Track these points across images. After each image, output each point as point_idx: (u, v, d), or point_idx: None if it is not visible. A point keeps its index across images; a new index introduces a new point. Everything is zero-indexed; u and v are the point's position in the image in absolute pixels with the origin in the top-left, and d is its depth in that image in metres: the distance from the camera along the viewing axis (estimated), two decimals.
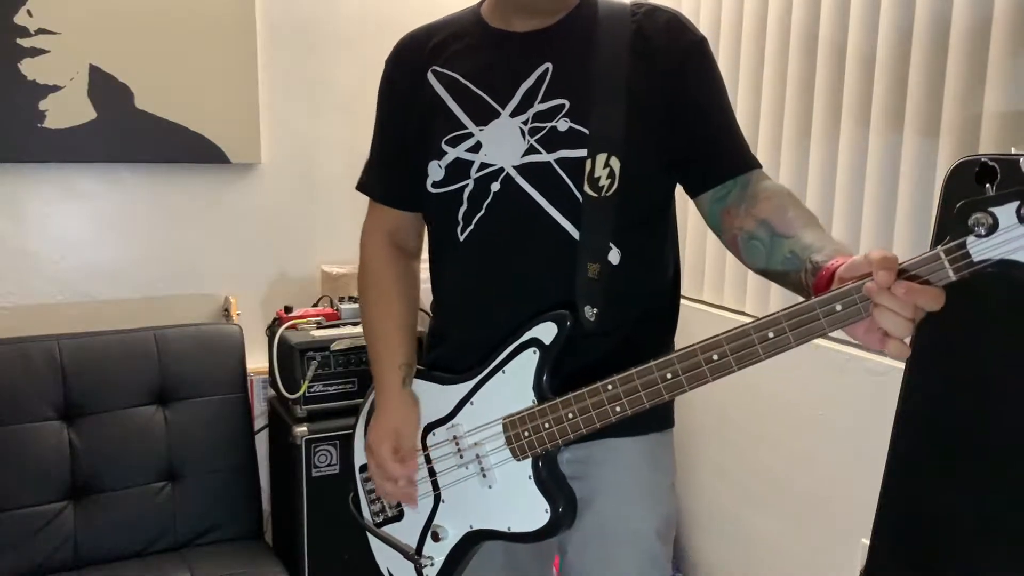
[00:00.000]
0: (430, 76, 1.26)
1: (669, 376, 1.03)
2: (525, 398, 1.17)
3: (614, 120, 1.15)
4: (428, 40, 1.30)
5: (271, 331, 2.29)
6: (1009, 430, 1.22)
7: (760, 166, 1.21)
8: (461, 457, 1.24)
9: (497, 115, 1.19)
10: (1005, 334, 1.25)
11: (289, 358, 2.16)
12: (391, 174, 1.36)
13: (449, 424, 1.25)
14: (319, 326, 2.25)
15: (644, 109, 1.17)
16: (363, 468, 1.38)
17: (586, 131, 1.15)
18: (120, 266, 2.31)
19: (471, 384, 1.23)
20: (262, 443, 2.37)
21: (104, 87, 2.19)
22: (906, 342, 0.91)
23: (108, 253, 2.30)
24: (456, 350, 1.28)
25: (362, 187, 1.42)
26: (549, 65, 1.18)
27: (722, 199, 1.20)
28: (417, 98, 1.26)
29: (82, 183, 2.25)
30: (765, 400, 2.07)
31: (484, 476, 1.21)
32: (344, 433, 2.14)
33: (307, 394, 2.14)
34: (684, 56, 1.19)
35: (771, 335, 0.95)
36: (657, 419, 1.25)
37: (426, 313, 1.42)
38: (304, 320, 2.27)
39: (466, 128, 1.21)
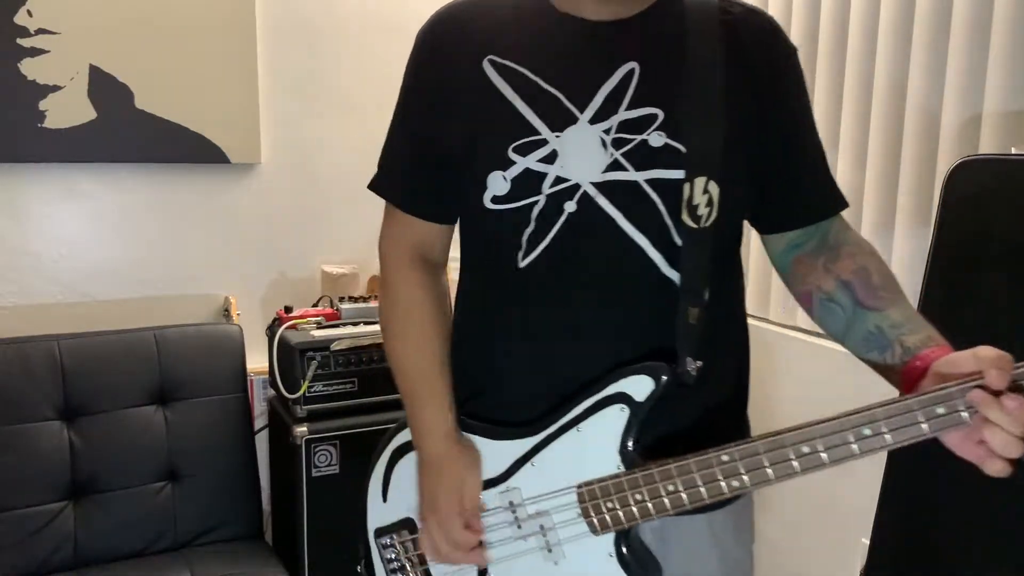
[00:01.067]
0: (487, 67, 1.03)
1: (807, 451, 0.87)
2: (607, 463, 0.98)
3: (713, 138, 0.98)
4: (480, 19, 1.06)
5: (271, 331, 2.29)
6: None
7: (846, 205, 1.09)
8: (519, 527, 1.04)
9: (574, 120, 0.99)
10: (1006, 334, 1.25)
11: (289, 358, 2.16)
12: (425, 180, 1.10)
13: (503, 487, 1.05)
14: (319, 326, 2.25)
15: (741, 127, 1.00)
16: (381, 532, 1.19)
17: (683, 149, 0.97)
18: (120, 266, 2.31)
19: (533, 441, 1.03)
20: (262, 443, 2.37)
21: (104, 87, 2.19)
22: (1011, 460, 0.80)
23: (108, 253, 2.30)
24: (510, 399, 1.07)
25: (383, 190, 1.17)
26: (635, 66, 0.99)
27: (799, 246, 1.08)
28: (468, 92, 1.04)
29: (82, 183, 2.25)
30: (765, 400, 2.06)
31: (549, 551, 1.02)
32: (344, 433, 2.14)
33: (307, 394, 2.14)
34: (783, 69, 1.05)
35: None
36: None
37: None
38: (304, 320, 2.27)
39: (539, 134, 1.00)
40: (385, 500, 1.19)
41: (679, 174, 0.97)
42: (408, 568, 1.16)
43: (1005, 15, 1.54)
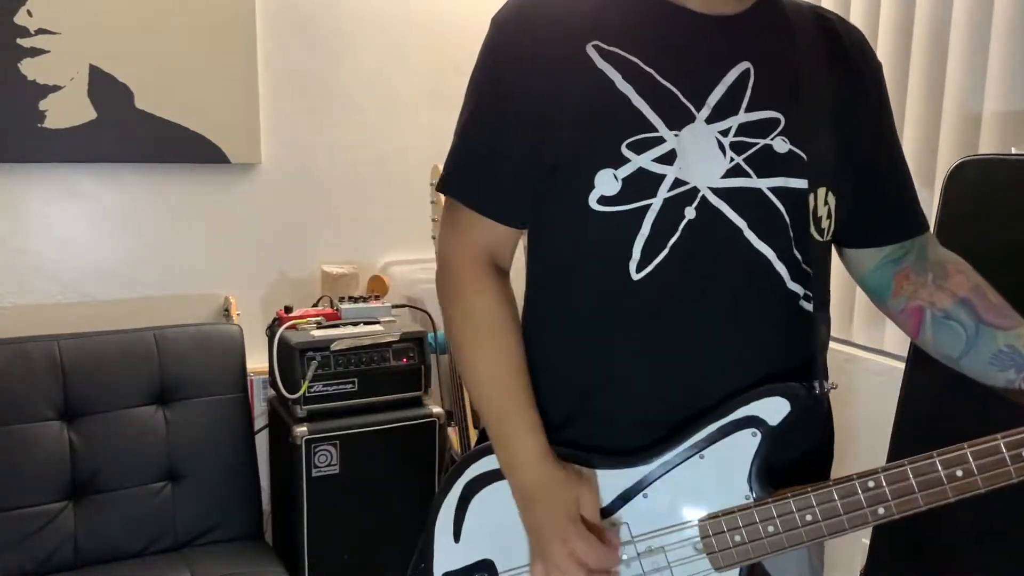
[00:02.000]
0: (592, 52, 0.92)
1: (960, 474, 0.82)
2: (734, 492, 0.90)
3: (828, 146, 0.92)
4: (571, 3, 0.96)
5: (271, 331, 2.29)
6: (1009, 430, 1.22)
7: (929, 227, 1.06)
8: (628, 567, 0.93)
9: (691, 119, 0.91)
10: None
11: (289, 358, 2.16)
12: (505, 179, 0.98)
13: (605, 523, 0.94)
14: (319, 326, 2.25)
15: (850, 134, 0.96)
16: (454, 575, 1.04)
17: (805, 157, 0.91)
18: (120, 266, 2.31)
19: (644, 471, 0.93)
20: (262, 443, 2.36)
21: (104, 87, 2.19)
22: None
23: (108, 253, 2.30)
24: (615, 425, 0.97)
25: (454, 189, 1.02)
26: (749, 65, 0.93)
27: (897, 260, 1.03)
28: (572, 80, 0.93)
29: (82, 183, 2.25)
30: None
31: None
32: (344, 433, 2.14)
33: (307, 394, 2.14)
34: (880, 79, 1.01)
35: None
36: None
37: None
38: (304, 320, 2.27)
39: (656, 131, 0.91)
40: (458, 540, 1.04)
41: (803, 183, 0.91)
42: None
43: (1005, 15, 1.54)
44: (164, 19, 2.23)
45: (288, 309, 2.30)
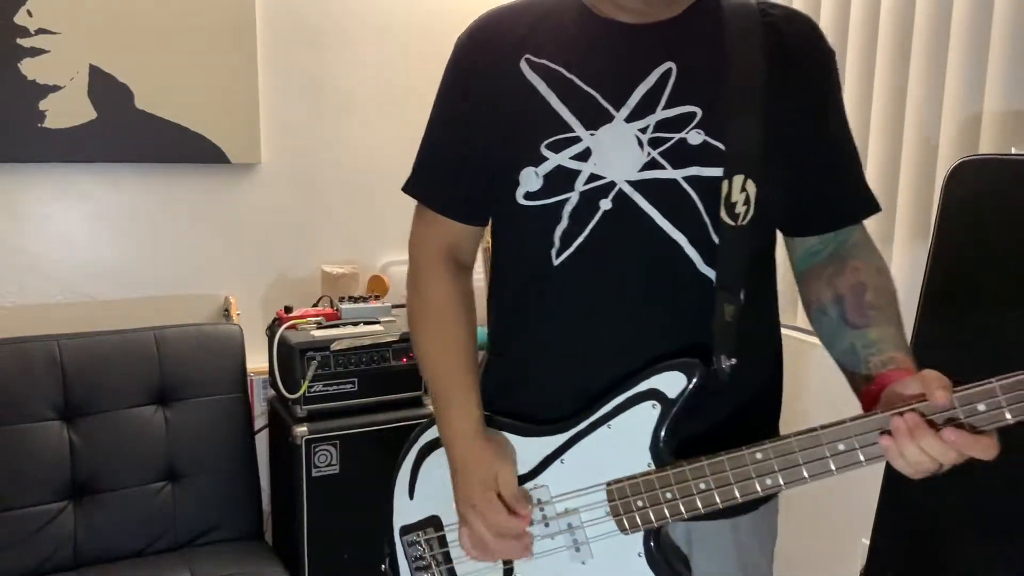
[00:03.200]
0: (523, 66, 1.03)
1: (843, 448, 0.85)
2: (637, 461, 0.97)
3: (752, 136, 0.97)
4: (517, 23, 1.07)
5: (271, 331, 2.29)
6: (1009, 430, 1.22)
7: (877, 209, 1.08)
8: (547, 526, 1.03)
9: (610, 119, 0.99)
10: (1006, 334, 1.25)
11: (289, 358, 2.16)
12: (464, 181, 1.10)
13: (531, 484, 1.05)
14: (319, 326, 2.25)
15: (782, 125, 1.00)
16: (407, 529, 1.18)
17: (722, 147, 0.97)
18: (120, 266, 2.31)
19: (562, 439, 1.02)
20: (262, 443, 2.36)
21: (104, 87, 2.19)
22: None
23: (108, 253, 2.30)
24: (540, 397, 1.07)
25: (418, 192, 1.16)
26: (672, 65, 0.99)
27: (816, 253, 1.09)
28: (506, 90, 1.04)
29: (82, 183, 2.25)
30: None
31: (577, 550, 1.02)
32: (344, 433, 2.14)
33: (307, 394, 2.14)
34: (825, 71, 1.04)
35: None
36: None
37: None
38: (304, 320, 2.27)
39: (573, 131, 1.00)
40: (412, 497, 1.18)
41: (718, 171, 0.97)
42: (433, 566, 1.15)
43: (1005, 15, 1.54)
44: (164, 19, 2.23)
45: (288, 309, 2.30)
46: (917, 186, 1.72)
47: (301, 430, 2.11)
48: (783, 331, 1.18)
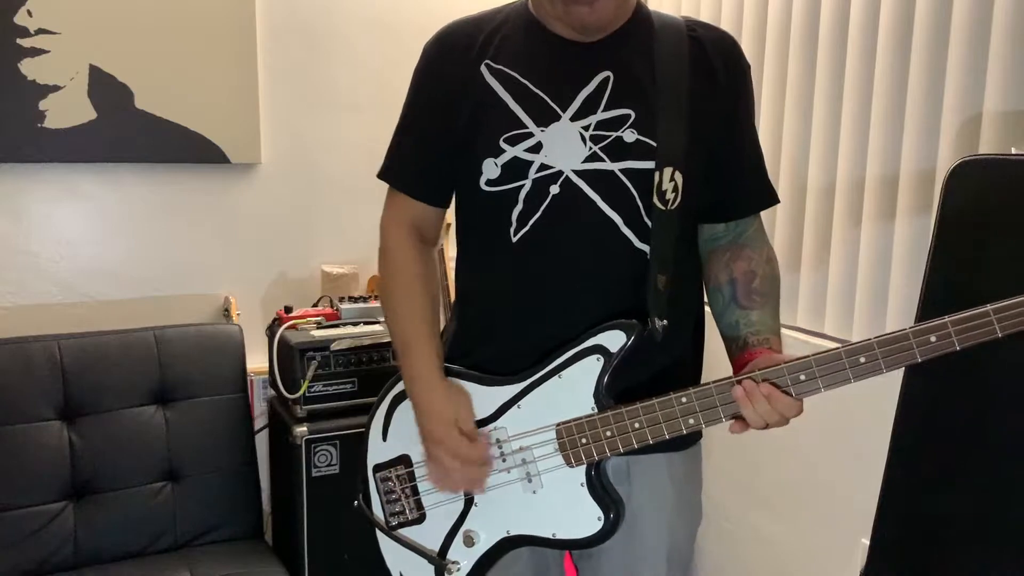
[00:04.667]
0: (484, 70, 1.21)
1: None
2: (583, 405, 1.14)
3: (678, 134, 1.16)
4: (477, 33, 1.24)
5: (271, 331, 2.29)
6: (1009, 430, 1.22)
7: (775, 202, 1.30)
8: (504, 461, 1.20)
9: (557, 117, 1.17)
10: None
11: (289, 358, 2.16)
12: (426, 167, 1.28)
13: (491, 427, 1.21)
14: (319, 326, 2.25)
15: (703, 125, 1.18)
16: (380, 467, 1.34)
17: (653, 144, 1.15)
18: (120, 266, 2.31)
19: (519, 387, 1.19)
20: (262, 443, 2.37)
21: (104, 87, 2.19)
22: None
23: (108, 253, 2.30)
24: (501, 352, 1.23)
25: (389, 176, 1.32)
26: (609, 74, 1.17)
27: (717, 239, 1.29)
28: (468, 91, 1.21)
29: (82, 183, 2.25)
30: None
31: (529, 481, 1.19)
32: (344, 433, 2.14)
33: (307, 394, 2.14)
34: (741, 80, 1.24)
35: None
36: (695, 432, 1.24)
37: None
38: (304, 320, 2.27)
39: (526, 127, 1.17)
40: (385, 439, 1.35)
41: (650, 164, 1.15)
42: (402, 498, 1.31)
43: (1005, 15, 1.54)
44: (164, 19, 2.23)
45: (288, 309, 2.30)
46: (917, 186, 1.72)
47: (301, 430, 2.11)
48: (783, 331, 1.31)
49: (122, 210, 2.30)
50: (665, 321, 1.15)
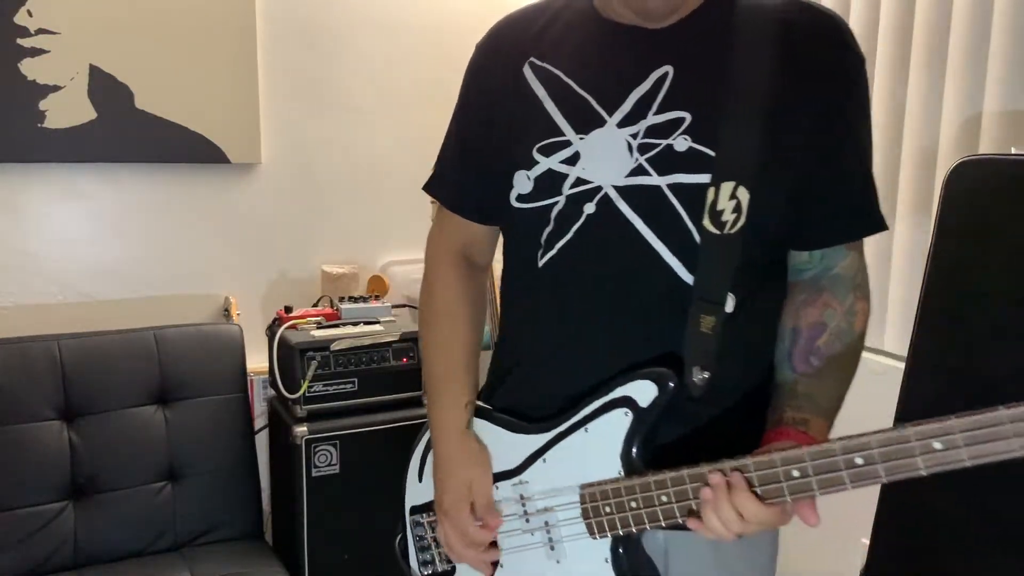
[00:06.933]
0: (526, 70, 1.05)
1: (796, 475, 0.85)
2: (610, 466, 0.98)
3: (747, 142, 0.94)
4: (528, 26, 1.08)
5: (271, 331, 2.29)
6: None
7: (877, 229, 1.02)
8: (527, 521, 1.06)
9: (602, 123, 0.99)
10: (1005, 332, 1.25)
11: (289, 358, 2.16)
12: (474, 181, 1.13)
13: (516, 480, 1.07)
14: (319, 326, 2.25)
15: (785, 130, 0.95)
16: (415, 510, 1.21)
17: (711, 153, 0.95)
18: (120, 266, 2.31)
19: (546, 438, 1.04)
20: (262, 443, 2.36)
21: (104, 87, 2.19)
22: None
23: (108, 253, 2.30)
24: (527, 394, 1.09)
25: (436, 192, 1.19)
26: (669, 69, 0.97)
27: (802, 271, 1.04)
28: (509, 94, 1.06)
29: (82, 183, 2.25)
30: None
31: (552, 548, 1.04)
32: (344, 433, 2.14)
33: (307, 394, 2.14)
34: (845, 74, 0.98)
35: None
36: None
37: None
38: (304, 320, 2.27)
39: (563, 135, 1.01)
40: (420, 480, 1.22)
41: (704, 179, 0.95)
42: (432, 547, 1.19)
43: (1005, 15, 1.54)
44: (164, 19, 2.23)
45: (288, 309, 2.30)
46: (917, 186, 1.72)
47: (301, 430, 2.11)
48: None
49: (122, 210, 2.30)
50: (706, 373, 0.95)
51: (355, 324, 2.26)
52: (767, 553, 1.11)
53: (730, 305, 0.97)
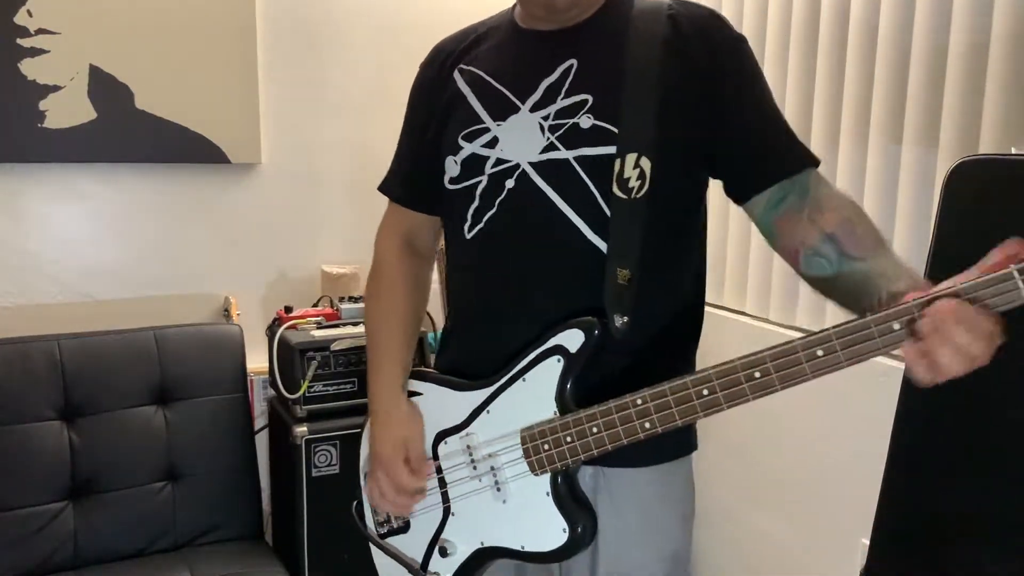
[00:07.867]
0: (456, 74, 1.23)
1: (706, 393, 0.97)
2: (546, 409, 1.10)
3: (645, 117, 1.09)
4: (461, 42, 1.28)
5: (271, 331, 2.29)
6: (1009, 429, 1.22)
7: (817, 163, 1.13)
8: (475, 469, 1.17)
9: (516, 110, 1.15)
10: (1005, 332, 1.25)
11: (289, 358, 2.16)
12: (410, 174, 1.32)
13: (463, 433, 1.18)
14: (319, 326, 2.25)
15: (678, 107, 1.11)
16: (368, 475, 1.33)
17: (614, 129, 1.09)
18: (120, 266, 2.31)
19: (488, 392, 1.16)
20: (262, 443, 2.37)
21: (104, 87, 2.19)
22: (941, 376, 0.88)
23: (108, 253, 2.30)
24: (469, 354, 1.23)
25: (383, 188, 1.38)
26: (574, 61, 1.14)
27: (775, 206, 1.12)
28: (441, 96, 1.24)
29: (82, 183, 2.25)
30: (765, 400, 2.06)
31: (498, 490, 1.15)
32: (344, 433, 2.14)
33: (307, 394, 2.14)
34: (721, 53, 1.13)
35: (820, 353, 0.91)
36: (676, 445, 1.19)
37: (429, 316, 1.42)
38: (304, 320, 2.27)
39: (483, 123, 1.17)
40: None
41: (609, 150, 1.09)
42: None
43: (1005, 16, 1.54)
44: (164, 19, 2.23)
45: (288, 309, 2.30)
46: (917, 186, 1.72)
47: (301, 430, 2.11)
48: (782, 329, 1.17)
49: (122, 210, 2.30)
50: (626, 318, 1.08)
51: (355, 324, 2.26)
52: (685, 502, 1.24)
53: (643, 263, 1.10)
